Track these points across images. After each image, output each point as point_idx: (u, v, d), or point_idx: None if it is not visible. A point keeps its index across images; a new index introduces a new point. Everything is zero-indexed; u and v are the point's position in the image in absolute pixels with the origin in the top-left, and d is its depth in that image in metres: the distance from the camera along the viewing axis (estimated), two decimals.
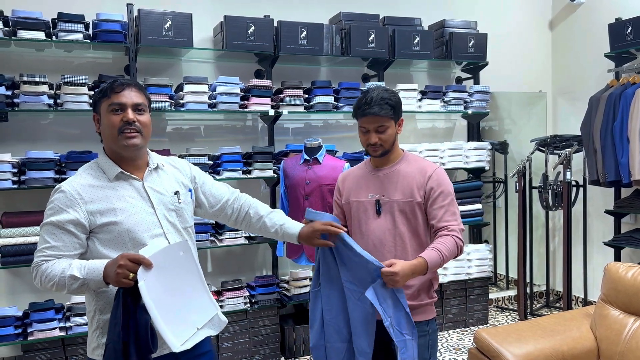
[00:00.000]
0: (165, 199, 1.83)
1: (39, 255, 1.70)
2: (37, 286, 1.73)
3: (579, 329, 2.65)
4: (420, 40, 4.16)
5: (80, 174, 1.79)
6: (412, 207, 2.09)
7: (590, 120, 4.07)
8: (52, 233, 1.69)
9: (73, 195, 1.71)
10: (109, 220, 1.71)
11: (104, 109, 1.75)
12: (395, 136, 2.12)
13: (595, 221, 4.57)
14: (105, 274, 1.61)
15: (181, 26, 3.50)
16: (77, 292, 1.68)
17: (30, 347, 3.28)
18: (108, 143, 1.79)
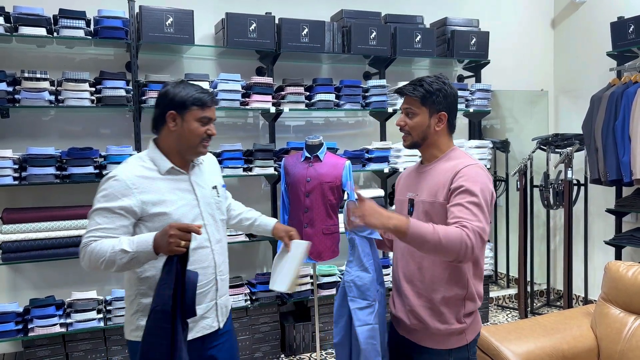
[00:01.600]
0: (207, 192, 1.98)
1: (88, 237, 1.78)
2: (85, 266, 1.80)
3: (579, 327, 2.65)
4: (422, 38, 4.15)
5: (132, 165, 1.88)
6: (436, 208, 1.80)
7: (591, 119, 4.07)
8: (104, 217, 1.79)
9: (127, 184, 1.81)
10: (159, 211, 1.83)
11: (192, 116, 1.87)
12: (427, 129, 1.85)
13: (596, 220, 4.56)
14: (156, 244, 1.70)
15: (182, 23, 3.49)
16: (125, 267, 1.76)
17: (30, 343, 3.29)
18: (179, 143, 1.90)
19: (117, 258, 1.72)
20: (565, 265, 4.29)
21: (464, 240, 1.63)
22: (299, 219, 3.39)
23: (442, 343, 1.84)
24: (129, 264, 1.75)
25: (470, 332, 1.86)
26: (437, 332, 1.82)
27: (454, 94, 1.89)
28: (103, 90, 3.34)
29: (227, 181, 3.99)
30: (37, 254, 3.21)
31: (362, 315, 1.89)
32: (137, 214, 1.82)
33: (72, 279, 3.62)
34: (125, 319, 1.97)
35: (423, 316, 1.84)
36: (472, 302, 1.85)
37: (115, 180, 1.81)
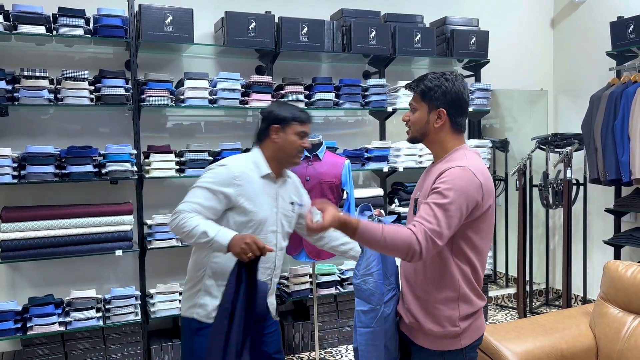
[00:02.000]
0: (286, 205, 2.28)
1: (188, 204, 2.06)
2: (171, 227, 2.09)
3: (578, 327, 2.66)
4: (421, 37, 4.15)
5: (240, 161, 2.20)
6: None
7: (591, 119, 4.07)
8: (205, 195, 2.08)
9: (234, 175, 2.12)
10: (248, 207, 2.13)
11: (292, 130, 2.21)
12: (426, 125, 1.83)
13: (595, 219, 4.57)
14: (231, 243, 1.94)
15: (182, 22, 3.49)
16: (198, 246, 2.06)
17: (29, 342, 3.29)
18: (279, 153, 2.21)
19: (197, 235, 1.99)
20: (564, 265, 4.29)
21: (412, 243, 1.63)
22: None
23: (435, 344, 1.83)
24: (202, 245, 2.01)
25: (466, 336, 1.82)
26: (430, 333, 1.82)
27: (457, 91, 1.82)
28: (102, 89, 3.34)
29: None
30: (36, 252, 3.21)
31: (364, 318, 1.90)
32: (231, 203, 2.11)
33: (71, 278, 3.61)
34: (184, 297, 2.23)
35: (417, 315, 1.84)
36: (467, 304, 1.81)
37: (225, 168, 2.14)
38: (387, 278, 1.95)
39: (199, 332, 2.13)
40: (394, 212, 4.17)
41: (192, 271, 2.21)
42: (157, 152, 3.49)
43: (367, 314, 1.90)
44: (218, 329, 1.93)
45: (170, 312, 3.52)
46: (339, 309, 4.02)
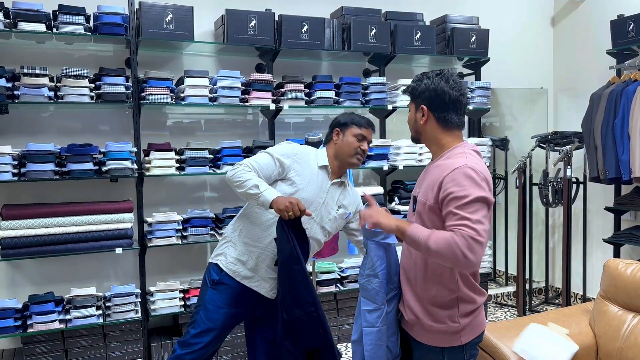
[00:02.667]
0: (332, 203, 2.45)
1: (249, 161, 2.31)
2: (228, 175, 2.31)
3: (578, 325, 2.66)
4: (421, 35, 4.15)
5: (307, 148, 2.47)
6: (426, 209, 1.81)
7: (591, 117, 4.07)
8: (266, 159, 2.34)
9: (296, 152, 2.40)
10: (296, 180, 2.35)
11: (350, 132, 2.41)
12: (416, 124, 1.90)
13: (595, 218, 4.57)
14: (276, 200, 2.17)
15: (182, 19, 3.48)
16: (247, 197, 2.26)
17: (29, 339, 3.29)
18: (339, 152, 2.42)
19: (248, 186, 2.22)
20: (564, 263, 4.29)
21: (456, 244, 1.62)
22: None
23: (434, 340, 1.84)
24: (250, 197, 2.23)
25: (466, 333, 1.83)
26: (430, 329, 1.84)
27: (436, 87, 1.84)
28: (102, 87, 3.34)
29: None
30: (36, 250, 3.21)
31: (370, 317, 1.92)
32: (284, 171, 2.35)
33: (71, 276, 3.62)
34: (217, 247, 2.50)
35: (417, 312, 1.86)
36: (468, 303, 1.82)
37: (290, 145, 2.44)
38: (391, 277, 1.96)
39: (214, 286, 2.41)
40: (394, 210, 4.17)
41: (228, 230, 2.49)
42: (157, 150, 3.49)
43: (372, 314, 1.92)
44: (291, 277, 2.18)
45: (171, 310, 3.53)
46: (339, 307, 4.02)
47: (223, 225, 3.63)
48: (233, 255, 2.41)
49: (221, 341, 2.47)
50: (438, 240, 1.66)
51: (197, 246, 3.84)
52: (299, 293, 2.19)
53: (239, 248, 2.41)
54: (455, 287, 1.81)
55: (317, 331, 2.21)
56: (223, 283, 2.40)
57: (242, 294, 2.40)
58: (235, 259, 2.40)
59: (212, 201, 3.97)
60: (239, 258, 2.40)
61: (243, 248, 2.40)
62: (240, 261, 2.40)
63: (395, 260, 1.98)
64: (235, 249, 2.41)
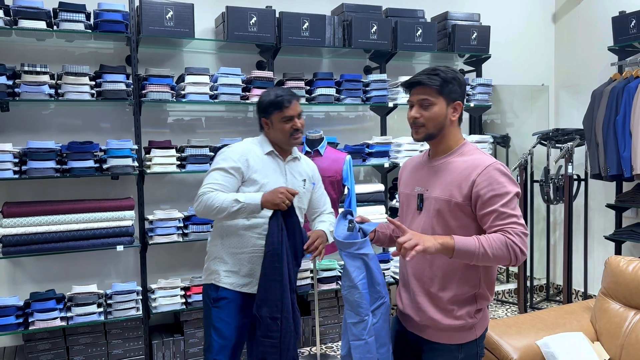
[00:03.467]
0: (295, 181, 2.43)
1: (207, 187, 2.25)
2: (198, 212, 2.26)
3: (579, 322, 2.66)
4: (422, 32, 4.14)
5: (245, 143, 2.42)
6: (450, 207, 1.75)
7: (592, 114, 4.06)
8: (221, 174, 2.28)
9: (239, 152, 2.33)
10: (256, 178, 2.31)
11: (276, 118, 2.34)
12: (444, 120, 1.78)
13: (596, 215, 4.57)
14: (264, 199, 2.18)
15: (183, 17, 3.48)
16: (233, 216, 2.22)
17: (31, 337, 3.29)
18: (278, 140, 2.37)
19: (229, 206, 2.18)
20: (565, 260, 4.29)
21: (509, 245, 1.64)
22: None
23: (453, 338, 1.82)
24: (237, 213, 2.20)
25: (479, 326, 1.85)
26: (448, 328, 1.81)
27: (464, 84, 1.86)
28: (103, 84, 3.33)
29: None
30: (37, 247, 3.21)
31: (355, 330, 1.86)
32: (244, 175, 2.30)
33: (72, 273, 3.62)
34: (205, 267, 2.46)
35: (432, 313, 1.81)
36: (484, 299, 1.83)
37: (230, 148, 2.35)
38: (374, 287, 1.88)
39: (215, 303, 2.37)
40: (395, 208, 4.16)
41: (210, 249, 2.45)
42: (158, 147, 3.48)
43: (357, 326, 1.86)
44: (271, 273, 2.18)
45: (172, 307, 3.53)
46: (340, 304, 4.03)
47: None
48: (225, 269, 2.37)
49: (239, 355, 2.44)
50: (493, 245, 1.65)
51: (198, 244, 3.85)
52: (271, 291, 2.18)
53: (229, 260, 2.37)
54: (477, 283, 1.80)
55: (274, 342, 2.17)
56: (224, 298, 2.36)
57: (245, 303, 2.37)
58: (228, 272, 2.37)
59: None
60: (231, 270, 2.37)
61: (232, 259, 2.37)
62: (233, 272, 2.36)
63: (377, 270, 1.89)
64: (225, 262, 2.38)
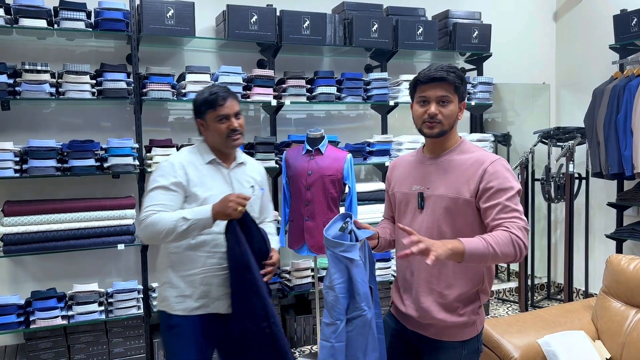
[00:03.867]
0: (243, 189, 2.22)
1: (148, 210, 2.05)
2: (143, 237, 2.08)
3: (580, 320, 2.66)
4: (423, 30, 4.13)
5: (181, 153, 2.20)
6: (458, 204, 1.76)
7: (593, 113, 4.05)
8: (161, 193, 2.07)
9: (177, 165, 2.11)
10: (198, 192, 2.10)
11: (210, 118, 2.13)
12: (456, 118, 1.81)
13: (597, 214, 4.56)
14: (215, 211, 2.01)
15: (183, 15, 3.47)
16: (183, 235, 2.02)
17: (32, 336, 3.30)
18: (214, 143, 2.17)
19: (177, 225, 1.99)
20: (566, 259, 4.29)
21: (514, 241, 1.64)
22: (300, 212, 3.38)
23: (457, 335, 1.83)
24: (187, 232, 2.01)
25: (479, 322, 1.87)
26: (453, 325, 1.81)
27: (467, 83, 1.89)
28: (104, 83, 3.33)
29: None
30: (38, 246, 3.21)
31: (325, 330, 1.80)
32: (186, 190, 2.10)
33: (73, 272, 3.62)
34: (157, 292, 2.25)
35: (435, 311, 1.81)
36: (486, 295, 1.86)
37: (168, 162, 2.13)
38: (353, 297, 1.80)
39: (170, 330, 2.16)
40: None
41: (158, 270, 2.25)
42: (158, 146, 3.48)
43: (328, 327, 1.79)
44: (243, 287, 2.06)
45: None
46: None
47: None
48: (175, 295, 2.14)
49: None
50: (500, 243, 1.63)
51: None
52: (250, 305, 2.05)
53: (179, 284, 2.14)
54: (481, 279, 1.82)
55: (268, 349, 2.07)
56: (177, 325, 2.15)
57: (202, 326, 2.16)
58: (180, 297, 2.13)
59: None
60: (182, 294, 2.13)
61: (182, 282, 2.14)
62: (185, 296, 2.14)
63: (361, 281, 1.79)
64: (175, 287, 2.15)
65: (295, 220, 3.42)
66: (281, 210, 3.59)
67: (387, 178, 2.04)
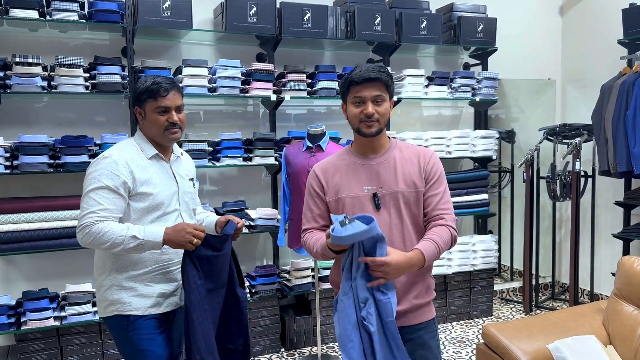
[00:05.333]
0: (184, 182, 2.18)
1: (91, 216, 1.91)
2: (84, 243, 1.94)
3: (591, 325, 2.57)
4: (427, 23, 4.03)
5: (122, 148, 2.05)
6: (417, 196, 1.91)
7: (601, 109, 3.96)
8: (105, 197, 1.94)
9: (122, 162, 1.98)
10: (146, 191, 2.01)
11: (149, 108, 2.04)
12: (388, 116, 1.93)
13: (603, 212, 4.47)
14: (167, 238, 1.93)
15: (180, 6, 3.38)
16: (128, 252, 1.94)
17: (24, 337, 3.21)
18: (151, 134, 2.07)
19: (125, 242, 1.90)
20: (572, 259, 4.20)
21: (452, 235, 1.88)
22: (300, 210, 3.27)
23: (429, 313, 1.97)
24: (133, 250, 1.93)
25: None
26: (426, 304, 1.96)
27: None
28: (98, 76, 3.24)
29: (226, 171, 3.92)
30: (29, 245, 3.12)
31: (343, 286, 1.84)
32: (130, 191, 1.99)
33: (66, 271, 3.52)
34: (98, 298, 2.09)
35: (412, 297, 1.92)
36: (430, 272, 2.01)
37: (110, 159, 1.98)
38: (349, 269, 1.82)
39: (130, 327, 2.02)
40: None
41: (99, 270, 2.07)
42: None
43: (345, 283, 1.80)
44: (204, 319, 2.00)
45: None
46: None
47: None
48: (128, 295, 2.01)
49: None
50: (445, 240, 1.85)
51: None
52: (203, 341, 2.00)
53: (130, 285, 2.01)
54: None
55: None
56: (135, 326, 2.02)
57: (162, 320, 2.09)
58: (133, 297, 2.01)
59: (211, 195, 3.87)
60: (136, 295, 2.01)
61: (133, 282, 2.02)
62: (139, 296, 2.02)
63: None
64: (126, 289, 2.01)
65: (295, 219, 3.32)
66: (280, 209, 3.50)
67: (318, 186, 1.99)
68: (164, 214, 2.06)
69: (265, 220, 3.66)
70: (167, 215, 2.07)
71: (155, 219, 2.04)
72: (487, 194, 4.34)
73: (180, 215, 2.12)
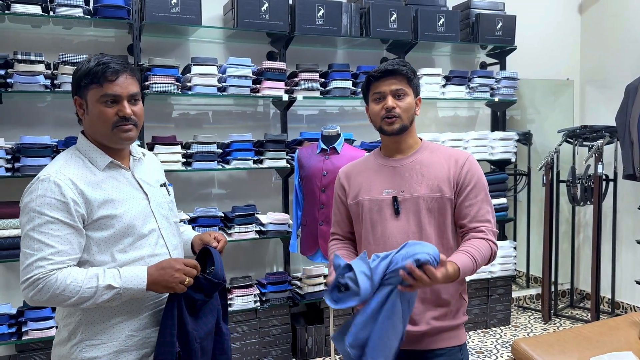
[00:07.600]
0: (155, 191, 1.68)
1: (42, 264, 1.42)
2: (36, 302, 1.45)
3: (626, 339, 2.44)
4: (445, 21, 3.88)
5: (64, 162, 1.55)
6: (442, 204, 1.73)
7: (626, 110, 3.81)
8: (55, 234, 1.44)
9: (64, 184, 1.48)
10: (107, 214, 1.51)
11: (92, 97, 1.54)
12: (414, 113, 1.78)
13: (624, 217, 4.32)
14: (152, 280, 1.48)
15: (189, 2, 3.26)
16: (100, 304, 1.47)
17: (25, 347, 3.09)
18: (96, 134, 1.58)
19: (97, 295, 1.44)
20: (594, 266, 4.05)
21: (492, 250, 1.70)
22: (313, 216, 3.15)
23: (454, 339, 1.77)
24: (108, 301, 1.46)
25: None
26: (450, 328, 1.76)
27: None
28: None
29: (236, 174, 3.78)
30: None
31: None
32: (85, 219, 1.49)
33: None
34: (57, 352, 1.57)
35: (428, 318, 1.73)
36: (466, 294, 1.85)
37: (48, 183, 1.47)
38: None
39: None
40: None
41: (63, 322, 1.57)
42: (162, 143, 3.28)
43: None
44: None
45: None
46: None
47: (232, 225, 3.41)
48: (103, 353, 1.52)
49: None
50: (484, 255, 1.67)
51: None
52: None
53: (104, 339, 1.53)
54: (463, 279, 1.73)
55: None
56: None
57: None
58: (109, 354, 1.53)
59: (220, 198, 3.74)
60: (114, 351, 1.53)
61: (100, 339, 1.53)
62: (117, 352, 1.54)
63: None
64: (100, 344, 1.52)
65: (308, 225, 3.19)
66: (293, 214, 3.36)
67: (340, 189, 1.90)
68: (137, 239, 1.55)
69: (276, 225, 3.52)
70: (142, 240, 1.56)
71: (128, 247, 1.53)
72: (506, 198, 4.20)
73: (160, 235, 1.62)
